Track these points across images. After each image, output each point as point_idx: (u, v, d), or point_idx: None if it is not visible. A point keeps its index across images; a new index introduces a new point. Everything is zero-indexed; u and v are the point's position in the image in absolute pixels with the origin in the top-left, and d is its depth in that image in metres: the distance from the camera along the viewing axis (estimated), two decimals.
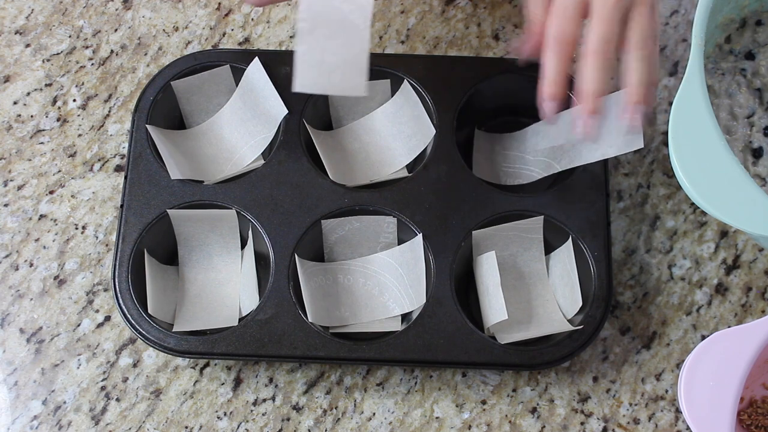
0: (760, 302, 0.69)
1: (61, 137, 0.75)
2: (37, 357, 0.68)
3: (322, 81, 0.60)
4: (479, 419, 0.66)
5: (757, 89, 0.68)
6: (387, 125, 0.72)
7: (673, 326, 0.69)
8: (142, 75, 0.77)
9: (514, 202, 0.67)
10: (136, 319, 0.64)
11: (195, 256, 0.69)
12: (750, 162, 0.66)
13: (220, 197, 0.68)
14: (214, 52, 0.73)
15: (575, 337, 0.63)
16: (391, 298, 0.68)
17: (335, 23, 0.58)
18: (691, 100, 0.58)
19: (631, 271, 0.70)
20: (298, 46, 0.59)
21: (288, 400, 0.67)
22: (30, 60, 0.77)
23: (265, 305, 0.64)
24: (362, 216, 0.67)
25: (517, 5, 0.79)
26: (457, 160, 0.68)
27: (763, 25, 0.70)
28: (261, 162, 0.70)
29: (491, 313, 0.65)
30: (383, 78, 0.71)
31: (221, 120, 0.73)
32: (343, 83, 0.60)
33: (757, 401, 0.65)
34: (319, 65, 0.59)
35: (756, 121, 0.67)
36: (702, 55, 0.59)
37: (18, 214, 0.72)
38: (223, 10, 0.79)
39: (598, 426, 0.66)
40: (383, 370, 0.68)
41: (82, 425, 0.66)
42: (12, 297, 0.70)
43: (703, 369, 0.59)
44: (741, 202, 0.56)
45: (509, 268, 0.68)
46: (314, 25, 0.58)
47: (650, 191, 0.72)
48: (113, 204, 0.72)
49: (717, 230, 0.71)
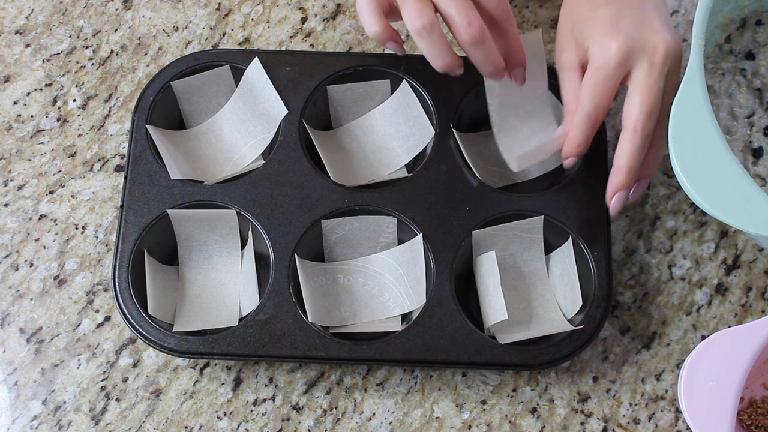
0: (760, 302, 0.69)
1: (61, 137, 0.75)
2: (37, 357, 0.68)
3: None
4: (479, 419, 0.66)
5: (757, 89, 0.68)
6: (385, 125, 0.72)
7: (673, 326, 0.69)
8: (142, 75, 0.77)
9: (514, 202, 0.67)
10: (136, 319, 0.64)
11: (195, 256, 0.69)
12: (750, 162, 0.66)
13: (220, 197, 0.68)
14: (214, 52, 0.73)
15: (575, 337, 0.63)
16: (391, 298, 0.68)
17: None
18: (691, 100, 0.58)
19: (631, 271, 0.70)
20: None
21: (288, 400, 0.67)
22: (30, 60, 0.77)
23: (265, 305, 0.64)
24: (362, 216, 0.67)
25: (517, 5, 0.79)
26: (457, 160, 0.68)
27: (763, 25, 0.70)
28: (261, 162, 0.70)
29: (491, 313, 0.65)
30: (383, 78, 0.71)
31: (221, 120, 0.73)
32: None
33: (757, 401, 0.65)
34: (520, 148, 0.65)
35: (756, 121, 0.67)
36: (702, 55, 0.59)
37: (18, 214, 0.72)
38: (223, 10, 0.79)
39: (598, 426, 0.66)
40: (383, 370, 0.68)
41: (82, 425, 0.66)
42: (12, 297, 0.70)
43: (703, 369, 0.59)
44: (741, 202, 0.56)
45: (509, 268, 0.68)
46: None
47: (650, 191, 0.72)
48: (113, 204, 0.72)
49: (717, 230, 0.71)
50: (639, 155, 0.59)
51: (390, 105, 0.71)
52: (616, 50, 0.58)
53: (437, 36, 0.58)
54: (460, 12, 0.57)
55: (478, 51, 0.59)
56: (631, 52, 0.58)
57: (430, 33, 0.58)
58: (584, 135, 0.61)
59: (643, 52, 0.58)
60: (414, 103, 0.70)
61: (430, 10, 0.58)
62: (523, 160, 0.65)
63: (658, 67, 0.58)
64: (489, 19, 0.60)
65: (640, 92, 0.58)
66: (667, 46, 0.58)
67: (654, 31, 0.58)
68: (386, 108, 0.72)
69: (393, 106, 0.71)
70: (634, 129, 0.58)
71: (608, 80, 0.59)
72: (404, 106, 0.71)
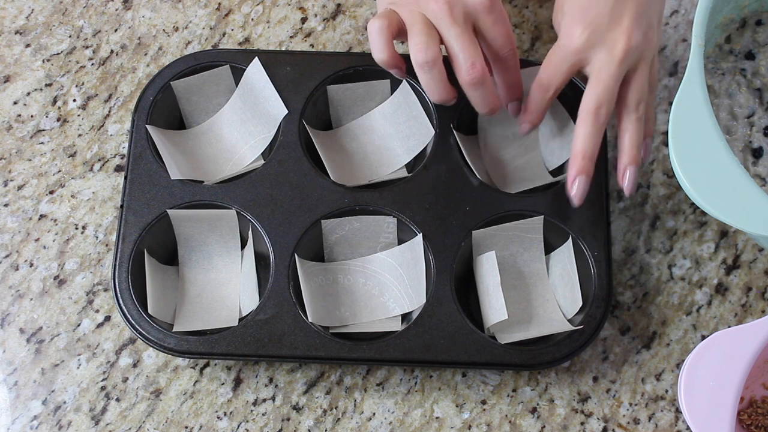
0: (760, 302, 0.69)
1: (61, 137, 0.75)
2: (37, 357, 0.68)
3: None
4: (479, 419, 0.66)
5: (757, 89, 0.68)
6: (385, 125, 0.72)
7: (673, 326, 0.69)
8: (142, 75, 0.77)
9: (514, 202, 0.67)
10: (136, 319, 0.64)
11: (195, 256, 0.69)
12: (750, 162, 0.66)
13: (220, 197, 0.68)
14: (214, 52, 0.73)
15: (575, 337, 0.63)
16: (391, 298, 0.68)
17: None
18: (691, 100, 0.58)
19: (631, 271, 0.70)
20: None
21: (288, 400, 0.67)
22: (30, 60, 0.77)
23: (265, 305, 0.64)
24: (362, 216, 0.67)
25: (517, 5, 0.79)
26: (457, 160, 0.68)
27: (763, 25, 0.70)
28: (261, 162, 0.70)
29: (491, 313, 0.65)
30: (383, 78, 0.71)
31: (221, 120, 0.73)
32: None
33: (757, 401, 0.65)
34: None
35: (756, 121, 0.67)
36: (702, 55, 0.59)
37: (18, 214, 0.72)
38: (223, 10, 0.79)
39: (598, 426, 0.66)
40: (383, 370, 0.68)
41: (82, 425, 0.66)
42: (12, 297, 0.70)
43: (703, 369, 0.59)
44: (741, 202, 0.56)
45: (509, 268, 0.68)
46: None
47: (650, 191, 0.72)
48: (113, 204, 0.72)
49: (717, 230, 0.71)
50: (591, 141, 0.61)
51: (390, 105, 0.71)
52: (577, 37, 0.61)
53: (438, 72, 0.60)
54: (465, 53, 0.59)
55: (477, 92, 0.61)
56: (591, 42, 0.61)
57: (431, 68, 0.60)
58: (534, 103, 0.64)
59: (603, 44, 0.61)
60: (414, 103, 0.70)
61: (436, 44, 0.59)
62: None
63: (616, 60, 0.60)
64: (494, 56, 0.63)
65: (593, 83, 0.61)
66: (628, 42, 0.60)
67: (619, 25, 0.61)
68: (386, 108, 0.72)
69: (393, 106, 0.71)
70: (584, 117, 0.61)
71: (564, 61, 0.62)
72: (404, 106, 0.71)
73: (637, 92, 0.62)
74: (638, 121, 0.62)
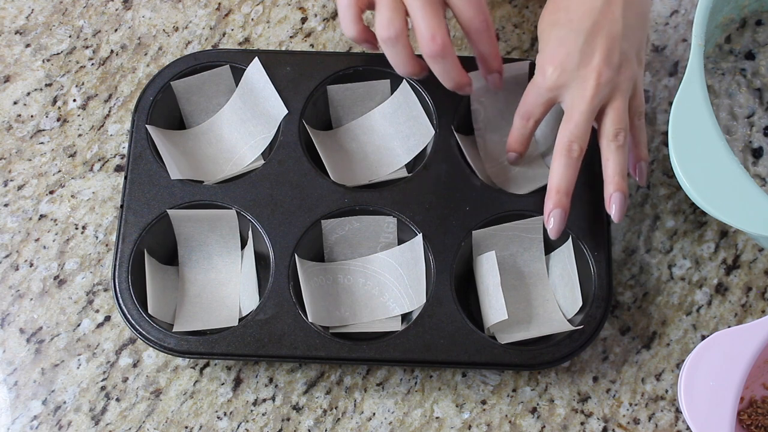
0: (760, 302, 0.69)
1: (61, 137, 0.75)
2: (37, 357, 0.68)
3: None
4: (479, 419, 0.66)
5: (757, 89, 0.68)
6: (385, 125, 0.72)
7: (673, 326, 0.69)
8: (142, 75, 0.77)
9: (514, 202, 0.67)
10: (136, 319, 0.64)
11: (195, 256, 0.69)
12: (750, 162, 0.66)
13: (220, 197, 0.68)
14: (214, 52, 0.73)
15: (575, 337, 0.63)
16: (391, 298, 0.68)
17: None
18: (691, 100, 0.58)
19: (631, 271, 0.70)
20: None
21: (288, 400, 0.67)
22: (30, 60, 0.77)
23: (265, 305, 0.64)
24: (362, 216, 0.67)
25: (517, 5, 0.79)
26: (457, 160, 0.68)
27: (763, 25, 0.70)
28: (261, 162, 0.70)
29: (491, 313, 0.65)
30: (383, 78, 0.71)
31: (221, 120, 0.73)
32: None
33: (757, 401, 0.65)
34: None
35: (756, 121, 0.67)
36: (702, 55, 0.59)
37: (18, 214, 0.72)
38: (223, 10, 0.79)
39: (598, 426, 0.66)
40: (383, 370, 0.68)
41: (82, 425, 0.66)
42: (12, 297, 0.70)
43: (703, 369, 0.59)
44: (741, 202, 0.56)
45: (509, 268, 0.68)
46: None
47: (650, 191, 0.72)
48: (113, 204, 0.72)
49: (717, 230, 0.71)
50: (565, 176, 0.63)
51: (390, 105, 0.71)
52: (549, 76, 0.62)
53: (402, 47, 0.61)
54: (426, 25, 0.60)
55: (438, 65, 0.62)
56: (561, 81, 0.62)
57: (395, 44, 0.61)
58: (518, 132, 0.66)
59: (574, 81, 0.62)
60: (414, 103, 0.70)
61: (400, 19, 0.60)
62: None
63: (587, 98, 0.61)
64: (466, 28, 0.63)
65: (566, 120, 0.63)
66: (598, 79, 0.61)
67: (589, 64, 0.61)
68: (386, 108, 0.72)
69: (393, 106, 0.71)
70: (558, 153, 0.63)
71: (539, 96, 0.64)
72: (404, 106, 0.71)
73: (614, 123, 0.62)
74: (619, 149, 0.63)
